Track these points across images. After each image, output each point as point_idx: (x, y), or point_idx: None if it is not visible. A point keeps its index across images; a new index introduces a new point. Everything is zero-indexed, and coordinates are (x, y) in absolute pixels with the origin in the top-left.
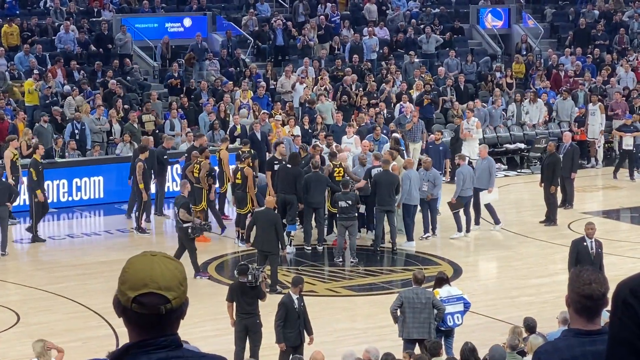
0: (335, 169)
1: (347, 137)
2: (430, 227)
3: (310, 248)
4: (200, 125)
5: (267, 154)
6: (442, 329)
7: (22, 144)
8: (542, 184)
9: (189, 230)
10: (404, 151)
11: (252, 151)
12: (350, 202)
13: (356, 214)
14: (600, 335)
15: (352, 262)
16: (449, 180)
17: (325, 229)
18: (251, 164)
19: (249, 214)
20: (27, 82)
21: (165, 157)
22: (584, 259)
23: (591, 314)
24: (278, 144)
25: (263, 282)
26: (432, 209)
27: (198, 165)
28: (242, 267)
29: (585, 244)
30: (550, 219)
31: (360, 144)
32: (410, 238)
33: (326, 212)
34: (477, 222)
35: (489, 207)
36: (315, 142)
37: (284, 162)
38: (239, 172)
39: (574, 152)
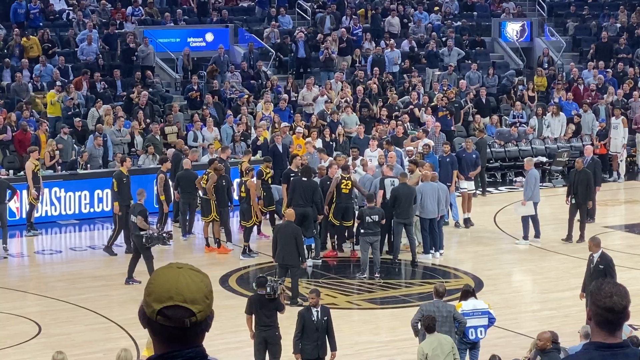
0: (343, 180)
1: (370, 150)
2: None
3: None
4: (223, 137)
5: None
6: (465, 341)
7: (45, 155)
8: (572, 200)
9: (143, 240)
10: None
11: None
12: (377, 217)
13: (380, 230)
14: (622, 348)
15: (376, 276)
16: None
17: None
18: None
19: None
20: (49, 93)
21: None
22: (587, 273)
23: (612, 327)
24: (294, 157)
25: (282, 294)
26: (437, 226)
27: (206, 176)
28: (260, 280)
29: (591, 258)
30: (582, 236)
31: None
32: (426, 250)
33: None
34: (536, 235)
35: (524, 220)
36: (337, 154)
37: (298, 176)
38: (243, 185)
39: (595, 165)
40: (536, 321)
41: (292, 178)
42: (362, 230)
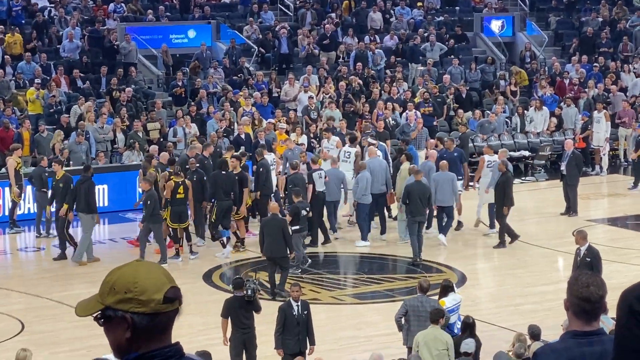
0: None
1: (327, 141)
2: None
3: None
4: (209, 132)
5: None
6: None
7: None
8: (495, 204)
9: None
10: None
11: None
12: (307, 210)
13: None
14: (598, 335)
15: (298, 271)
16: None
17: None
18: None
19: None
20: (28, 91)
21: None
22: (574, 266)
23: (589, 317)
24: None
25: (257, 294)
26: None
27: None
28: (237, 281)
29: (578, 251)
30: (502, 242)
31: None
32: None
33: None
34: (492, 226)
35: (489, 209)
36: (320, 149)
37: (219, 170)
38: (181, 187)
39: (576, 159)
40: (519, 315)
41: (213, 172)
42: (298, 227)
